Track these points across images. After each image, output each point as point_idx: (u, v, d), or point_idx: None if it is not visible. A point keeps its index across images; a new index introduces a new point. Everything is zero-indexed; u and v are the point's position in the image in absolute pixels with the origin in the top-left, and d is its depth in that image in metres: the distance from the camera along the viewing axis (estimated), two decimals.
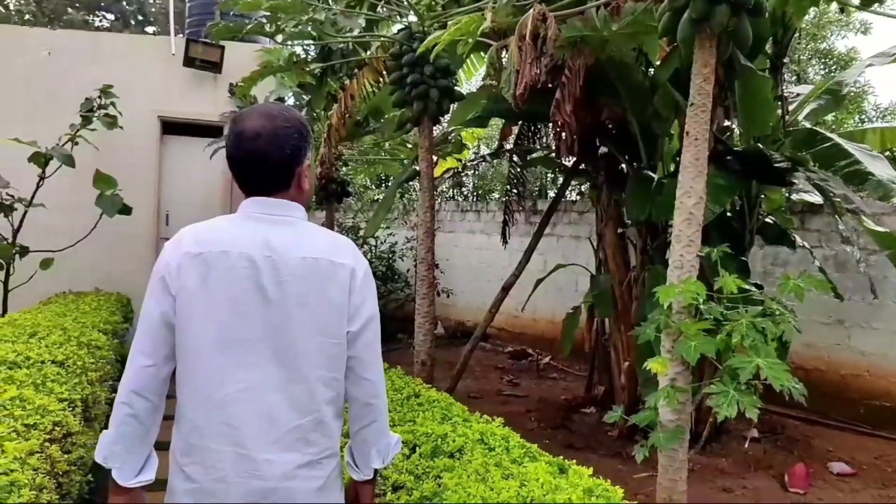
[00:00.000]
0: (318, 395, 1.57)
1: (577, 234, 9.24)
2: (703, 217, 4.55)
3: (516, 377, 8.11)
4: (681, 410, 3.26)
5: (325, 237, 1.66)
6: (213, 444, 1.52)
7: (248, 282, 1.53)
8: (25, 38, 7.30)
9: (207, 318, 1.53)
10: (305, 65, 5.92)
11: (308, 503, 1.56)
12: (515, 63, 3.09)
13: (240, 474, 1.51)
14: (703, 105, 3.29)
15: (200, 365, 1.54)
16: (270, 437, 1.53)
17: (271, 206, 1.61)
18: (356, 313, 1.61)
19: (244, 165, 1.61)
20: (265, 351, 1.53)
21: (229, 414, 1.52)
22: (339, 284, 1.58)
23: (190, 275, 1.53)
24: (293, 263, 1.55)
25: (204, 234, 1.59)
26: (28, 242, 6.07)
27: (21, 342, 3.87)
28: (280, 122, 1.59)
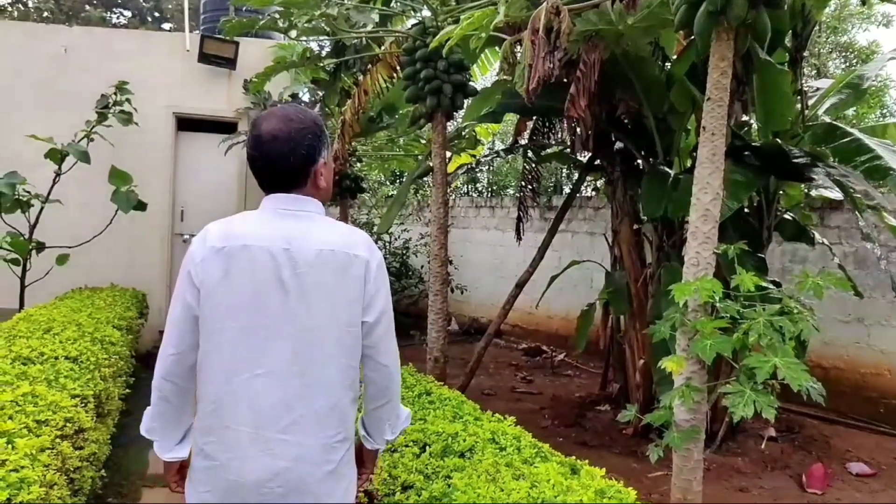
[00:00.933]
0: (334, 381, 1.65)
1: (592, 230, 9.17)
2: (720, 213, 4.53)
3: (530, 374, 8.07)
4: (696, 410, 3.21)
5: (340, 230, 1.73)
6: (231, 425, 1.61)
7: (267, 273, 1.61)
8: (42, 36, 7.34)
9: (230, 307, 1.62)
10: (319, 60, 5.90)
11: (318, 488, 1.63)
12: (528, 57, 3.05)
13: (255, 453, 1.59)
14: (719, 99, 3.23)
15: (222, 351, 1.63)
16: (287, 419, 1.60)
17: (290, 202, 1.70)
18: (371, 303, 1.69)
19: (263, 166, 1.70)
20: (284, 339, 1.61)
21: (248, 397, 1.61)
22: (354, 275, 1.66)
23: (213, 268, 1.63)
24: (310, 255, 1.63)
25: (227, 229, 1.67)
26: (44, 238, 6.11)
27: (35, 338, 3.90)
28: (295, 125, 1.68)
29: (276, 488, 1.60)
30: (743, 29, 3.24)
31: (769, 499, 4.51)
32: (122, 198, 6.28)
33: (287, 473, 1.60)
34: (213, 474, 1.63)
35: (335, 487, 1.67)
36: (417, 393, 3.15)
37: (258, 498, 1.60)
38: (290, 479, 1.60)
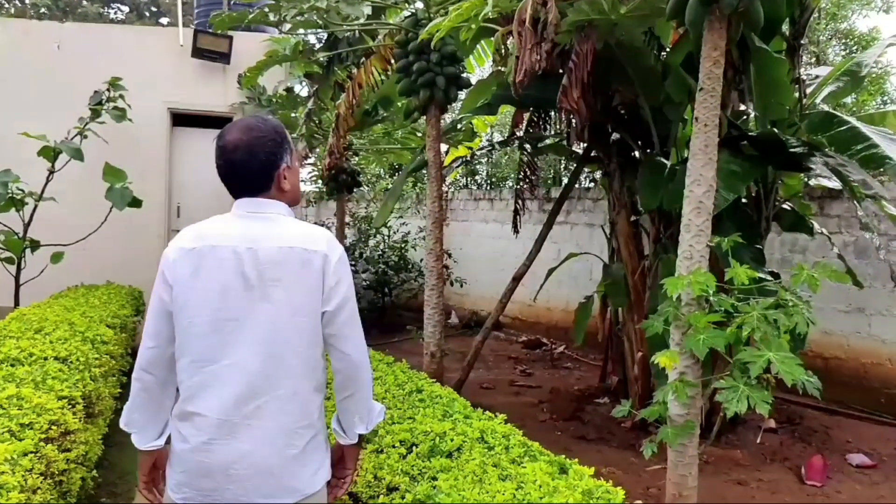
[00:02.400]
0: (296, 369, 1.78)
1: (591, 221, 9.12)
2: (716, 205, 4.48)
3: (530, 367, 8.04)
4: (690, 405, 3.18)
5: (300, 229, 1.84)
6: (202, 412, 1.75)
7: (233, 271, 1.75)
8: (35, 32, 7.31)
9: (200, 303, 1.76)
10: (311, 54, 5.85)
11: (282, 471, 1.76)
12: (516, 49, 3.00)
13: (223, 437, 1.73)
14: (712, 90, 3.18)
15: (194, 343, 1.76)
16: (251, 406, 1.74)
17: (254, 205, 1.84)
18: (331, 295, 1.80)
19: (228, 174, 1.84)
20: (248, 329, 1.75)
21: (216, 386, 1.75)
22: (314, 269, 1.78)
23: (184, 267, 1.77)
24: (271, 253, 1.76)
25: (198, 231, 1.82)
26: (39, 236, 6.09)
27: (26, 338, 3.87)
28: (255, 134, 1.82)
29: (242, 470, 1.73)
30: (735, 17, 3.18)
31: (767, 492, 4.47)
32: (116, 195, 6.25)
33: (251, 456, 1.73)
34: (187, 456, 1.77)
35: (300, 471, 1.78)
36: (408, 391, 3.12)
37: (226, 479, 1.73)
38: (254, 462, 1.73)
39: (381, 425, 2.60)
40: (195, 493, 1.77)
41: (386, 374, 3.40)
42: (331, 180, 7.73)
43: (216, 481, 1.74)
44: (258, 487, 1.74)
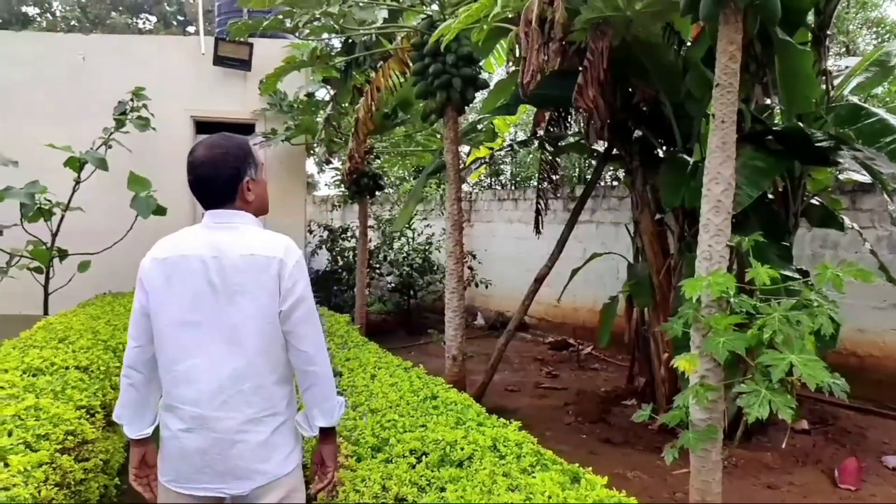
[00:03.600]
0: (258, 365, 1.96)
1: (617, 220, 9.00)
2: (740, 202, 4.37)
3: (556, 368, 7.96)
4: (712, 409, 3.10)
5: (261, 237, 2.00)
6: (179, 405, 1.97)
7: (200, 277, 1.93)
8: (61, 44, 7.44)
9: (171, 307, 1.95)
10: (329, 59, 5.85)
11: (252, 456, 1.96)
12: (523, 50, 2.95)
13: (198, 427, 1.95)
14: (729, 85, 3.09)
15: (168, 344, 1.97)
16: (219, 399, 1.94)
17: (220, 216, 2.01)
18: (287, 295, 1.96)
19: (196, 187, 2.01)
20: (215, 331, 1.93)
21: (188, 381, 1.95)
22: (272, 274, 1.94)
23: (158, 275, 1.96)
24: (235, 260, 1.93)
25: (170, 242, 2.00)
26: (67, 245, 6.19)
27: (49, 347, 3.92)
28: (218, 150, 1.99)
29: (216, 455, 1.94)
30: (751, 10, 3.10)
31: (799, 495, 4.35)
32: (141, 203, 6.31)
33: (222, 443, 1.94)
34: (169, 443, 2.00)
35: (270, 455, 1.99)
36: (423, 397, 3.08)
37: (202, 462, 1.95)
38: (225, 448, 1.94)
39: (391, 434, 2.58)
40: (177, 476, 1.99)
41: (402, 380, 3.37)
42: (352, 184, 7.73)
43: (193, 466, 1.96)
44: (230, 471, 1.95)
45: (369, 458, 2.43)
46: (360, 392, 3.24)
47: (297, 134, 7.06)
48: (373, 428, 2.68)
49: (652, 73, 5.04)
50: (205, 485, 1.96)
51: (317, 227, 10.59)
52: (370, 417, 2.82)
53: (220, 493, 1.97)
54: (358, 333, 4.87)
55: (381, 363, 3.81)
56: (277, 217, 7.70)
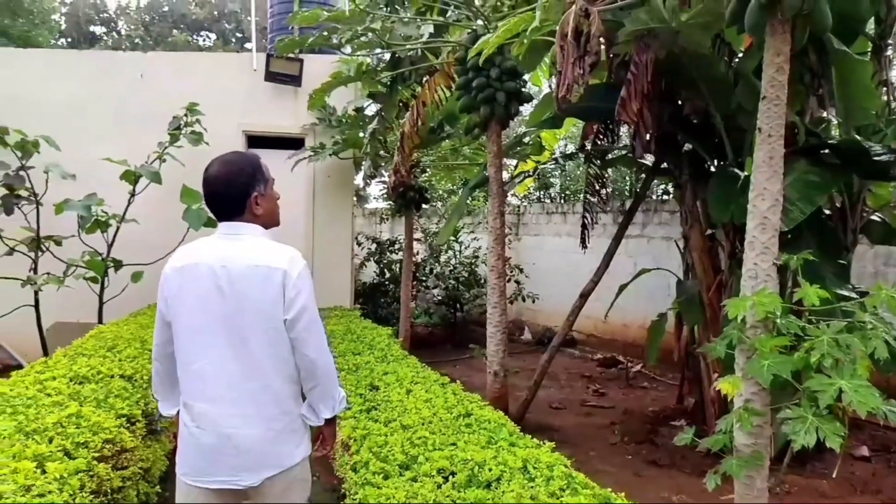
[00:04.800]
0: (264, 366, 2.10)
1: (668, 235, 8.79)
2: (792, 218, 4.21)
3: (603, 386, 7.80)
4: (757, 434, 2.97)
5: (268, 248, 2.14)
6: (193, 402, 2.13)
7: (210, 285, 2.08)
8: (120, 62, 7.71)
9: (184, 312, 2.12)
10: (375, 74, 5.90)
11: (263, 448, 2.11)
12: (559, 64, 2.91)
13: (211, 423, 2.09)
14: (776, 98, 2.98)
15: (183, 346, 2.14)
16: (229, 397, 2.08)
17: (230, 227, 2.17)
18: (291, 304, 2.09)
19: (209, 201, 2.18)
20: (224, 334, 2.08)
21: (200, 381, 2.11)
22: (275, 283, 2.07)
23: (174, 282, 2.15)
24: (241, 269, 2.08)
25: (186, 252, 2.18)
26: (121, 256, 6.38)
27: (98, 356, 4.04)
28: (230, 168, 2.17)
29: (229, 450, 2.08)
30: (800, 20, 2.98)
31: None
32: (193, 216, 6.46)
33: (235, 439, 2.08)
34: (186, 440, 2.16)
35: (279, 449, 2.14)
36: (456, 415, 3.04)
37: (216, 456, 2.09)
38: (238, 444, 2.08)
39: (420, 451, 2.56)
40: (191, 470, 2.14)
41: (437, 396, 3.34)
42: (398, 197, 7.77)
43: (207, 460, 2.10)
44: (243, 464, 2.09)
45: (396, 475, 2.40)
46: (394, 407, 3.23)
47: (344, 148, 7.14)
48: (403, 445, 2.65)
49: (701, 85, 4.92)
50: (218, 477, 2.10)
51: (365, 239, 10.68)
52: (401, 434, 2.79)
53: (233, 484, 2.10)
54: (399, 347, 4.87)
55: (418, 378, 3.79)
56: (324, 229, 7.83)
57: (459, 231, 10.75)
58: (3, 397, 3.06)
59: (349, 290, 7.95)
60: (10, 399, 3.03)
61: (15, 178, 6.06)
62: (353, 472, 2.69)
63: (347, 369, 4.20)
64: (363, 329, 5.55)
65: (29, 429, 2.66)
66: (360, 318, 6.46)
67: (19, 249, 6.03)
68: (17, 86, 7.15)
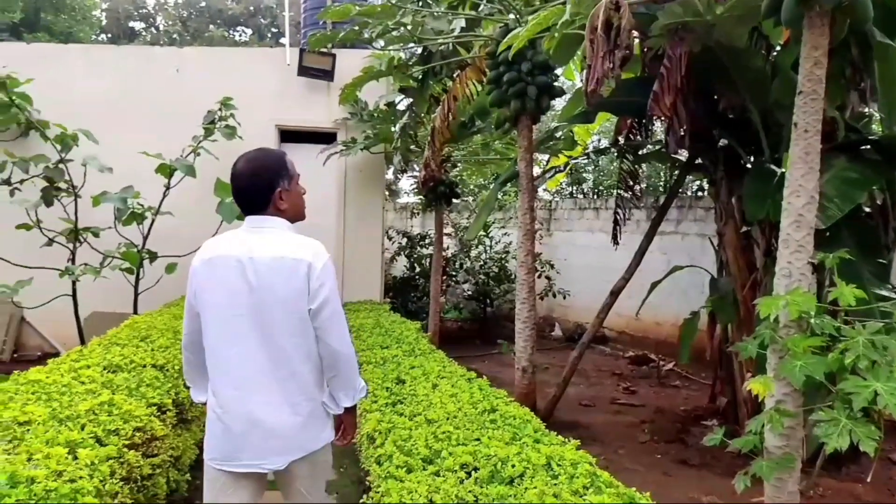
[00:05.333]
0: (291, 354, 2.18)
1: (703, 231, 8.66)
2: (830, 216, 4.11)
3: (634, 384, 7.72)
4: (789, 436, 2.91)
5: (291, 241, 2.21)
6: (221, 389, 2.21)
7: (237, 276, 2.15)
8: (157, 57, 7.83)
9: (213, 302, 2.19)
10: (406, 68, 5.90)
11: (289, 433, 2.20)
12: (588, 57, 2.87)
13: (239, 409, 2.17)
14: (813, 92, 2.91)
15: (212, 335, 2.21)
16: (258, 384, 2.17)
17: (257, 221, 2.24)
18: (315, 295, 2.16)
19: (236, 196, 2.27)
20: (252, 324, 2.15)
21: (228, 368, 2.19)
22: (300, 275, 2.15)
23: (203, 274, 2.21)
24: (268, 262, 2.15)
25: (214, 244, 2.25)
26: (156, 248, 6.50)
27: (131, 346, 4.12)
28: (256, 164, 2.26)
29: (257, 435, 2.16)
30: (839, 12, 2.90)
31: None
32: (226, 209, 6.55)
33: (262, 424, 2.16)
34: (214, 425, 2.23)
35: (304, 434, 2.23)
36: (481, 410, 3.02)
37: (243, 440, 2.17)
38: (265, 429, 2.16)
39: (444, 446, 2.55)
40: (219, 455, 2.21)
41: (462, 391, 3.33)
42: (429, 192, 7.76)
43: (235, 445, 2.18)
44: (271, 448, 2.18)
45: (420, 469, 2.40)
46: (419, 401, 3.23)
47: (375, 143, 7.16)
48: (427, 439, 2.65)
49: (737, 79, 4.83)
50: (246, 461, 2.18)
51: (396, 233, 10.71)
52: (425, 428, 2.79)
53: (259, 468, 2.19)
54: (426, 341, 4.87)
55: (444, 373, 3.78)
56: (355, 223, 7.87)
57: (490, 226, 10.71)
58: (38, 384, 3.13)
59: (379, 284, 7.98)
60: (45, 386, 3.11)
61: (55, 170, 6.20)
62: (377, 465, 2.69)
63: (375, 363, 4.21)
64: (392, 323, 5.57)
65: (62, 415, 2.72)
66: (390, 311, 6.48)
67: (58, 240, 6.17)
68: (58, 81, 7.31)
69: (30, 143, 6.85)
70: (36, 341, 7.55)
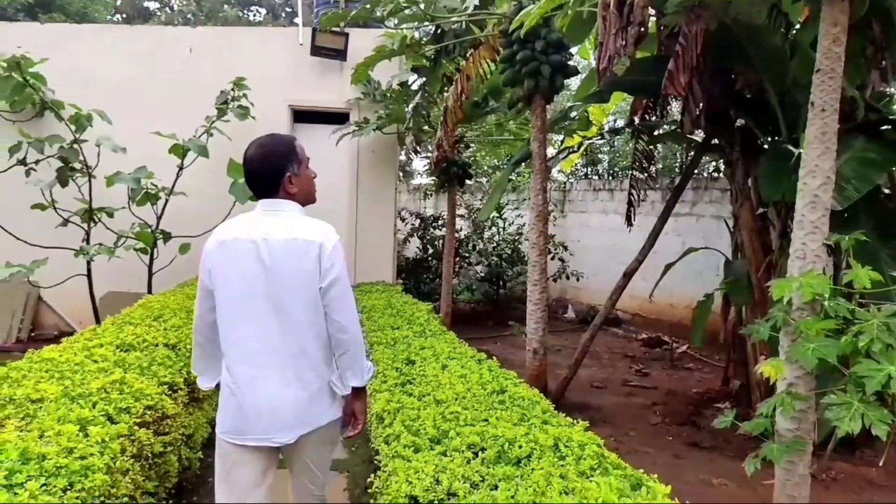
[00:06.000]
0: (302, 332, 2.26)
1: (719, 213, 8.57)
2: (847, 197, 4.04)
3: (646, 366, 7.69)
4: (800, 419, 2.88)
5: (305, 224, 2.29)
6: (235, 366, 2.27)
7: (252, 257, 2.23)
8: (170, 37, 7.81)
9: (228, 282, 2.25)
10: (419, 47, 5.85)
11: (299, 409, 2.28)
12: (601, 34, 2.82)
13: (252, 385, 2.25)
14: (831, 71, 2.84)
15: (226, 313, 2.27)
16: (270, 361, 2.24)
17: (269, 204, 2.31)
18: (326, 275, 2.25)
19: (248, 180, 2.34)
20: (265, 302, 2.23)
21: (242, 345, 2.26)
22: (311, 255, 2.23)
23: (218, 255, 2.27)
24: (282, 243, 2.23)
25: (228, 227, 2.31)
26: (170, 229, 6.53)
27: (144, 324, 4.15)
28: (266, 149, 2.31)
29: (268, 410, 2.24)
30: None
31: None
32: (239, 189, 6.56)
33: (274, 399, 2.25)
34: (228, 399, 2.30)
35: (312, 409, 2.30)
36: (490, 391, 3.02)
37: (256, 414, 2.25)
38: (277, 404, 2.25)
39: (451, 426, 2.56)
40: (231, 429, 2.28)
41: (472, 372, 3.33)
42: (441, 173, 7.72)
43: (247, 419, 2.25)
44: (281, 423, 2.26)
45: (427, 449, 2.41)
46: (429, 381, 3.23)
47: (388, 123, 7.12)
48: (435, 419, 2.66)
49: (755, 57, 4.74)
50: (257, 435, 2.26)
51: (409, 215, 10.69)
52: (434, 408, 2.79)
53: (270, 442, 2.27)
54: (438, 322, 4.87)
55: (454, 354, 3.78)
56: (367, 204, 7.86)
57: (503, 208, 10.66)
58: (52, 363, 3.17)
59: (391, 265, 7.98)
60: (58, 364, 3.14)
61: (70, 151, 6.23)
62: (385, 445, 2.71)
63: (385, 343, 4.22)
64: (403, 304, 5.57)
65: (74, 393, 2.75)
66: (402, 293, 6.48)
67: (73, 221, 6.22)
68: (72, 61, 7.32)
69: (45, 124, 6.88)
70: (53, 320, 7.63)
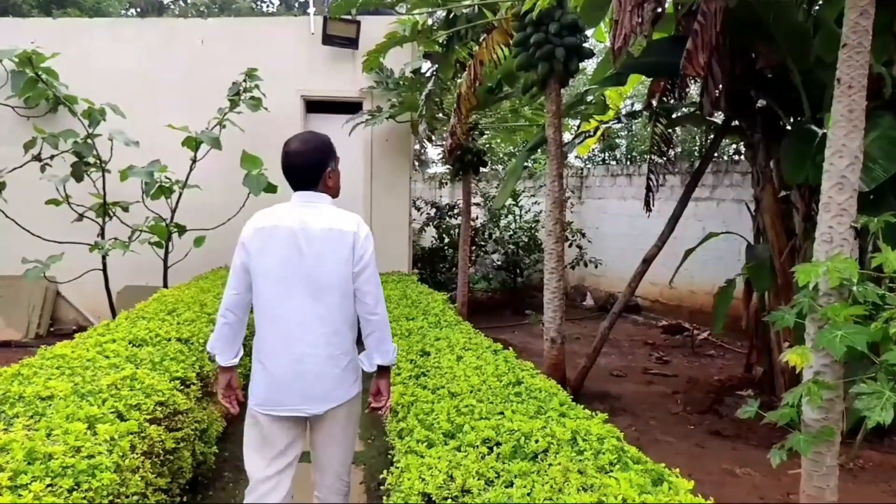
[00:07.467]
0: (335, 313, 2.47)
1: (740, 197, 8.41)
2: (874, 178, 3.91)
3: (667, 354, 7.58)
4: (828, 409, 2.78)
5: (337, 214, 2.49)
6: (271, 344, 2.46)
7: (290, 243, 2.42)
8: (181, 30, 7.77)
9: (267, 267, 2.44)
10: (430, 33, 5.75)
11: (329, 383, 2.48)
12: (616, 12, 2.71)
13: (288, 359, 2.44)
14: (858, 45, 2.72)
15: (264, 295, 2.45)
16: (306, 339, 2.44)
17: (307, 196, 2.50)
18: (358, 261, 2.46)
19: (289, 173, 2.50)
20: (301, 285, 2.43)
21: (279, 323, 2.44)
22: (346, 244, 2.45)
23: (257, 240, 2.45)
24: (317, 232, 2.43)
25: (266, 215, 2.49)
26: (185, 222, 6.50)
27: (157, 319, 4.12)
28: (309, 145, 2.50)
29: (300, 383, 2.45)
30: None
31: None
32: (253, 181, 6.52)
33: (306, 374, 2.44)
34: (263, 373, 2.48)
35: (341, 384, 2.51)
36: (506, 383, 2.94)
37: (288, 389, 2.45)
38: (307, 378, 2.45)
39: (466, 420, 2.49)
40: (265, 400, 2.46)
41: (487, 364, 3.25)
42: (456, 161, 7.63)
43: (281, 392, 2.45)
44: (311, 395, 2.46)
45: (441, 444, 2.34)
46: (443, 373, 3.16)
47: (401, 111, 7.04)
48: (449, 413, 2.59)
49: (777, 36, 4.60)
50: (290, 406, 2.46)
51: (424, 204, 10.60)
52: (448, 401, 2.73)
53: (301, 412, 2.47)
54: (453, 313, 4.80)
55: (470, 344, 3.71)
56: (381, 194, 7.79)
57: (519, 195, 10.55)
58: (63, 359, 3.14)
59: (407, 255, 7.92)
60: (69, 361, 3.11)
61: (84, 145, 6.22)
62: (398, 439, 2.65)
63: (400, 334, 4.16)
64: (419, 294, 5.51)
65: (84, 390, 2.72)
66: (417, 283, 6.42)
67: (88, 216, 6.21)
68: (85, 55, 7.30)
69: (59, 119, 6.88)
70: (71, 315, 7.67)
